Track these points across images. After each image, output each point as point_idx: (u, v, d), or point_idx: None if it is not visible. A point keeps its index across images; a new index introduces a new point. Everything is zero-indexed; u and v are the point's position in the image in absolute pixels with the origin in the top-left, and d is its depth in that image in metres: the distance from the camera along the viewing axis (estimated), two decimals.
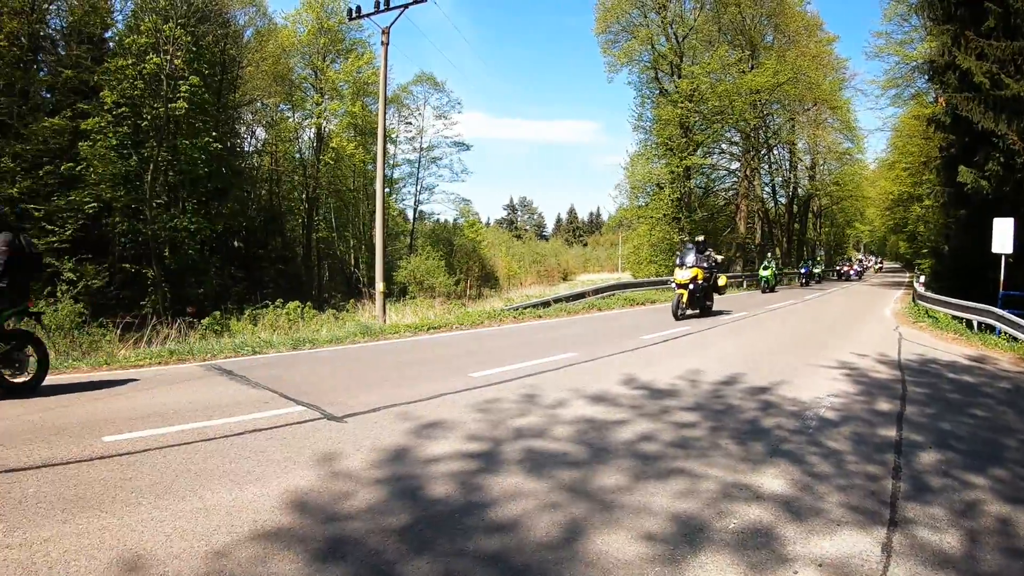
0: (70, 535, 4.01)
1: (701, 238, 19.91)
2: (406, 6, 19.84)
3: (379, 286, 19.21)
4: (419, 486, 4.96)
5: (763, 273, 33.66)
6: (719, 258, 19.47)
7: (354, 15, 21.15)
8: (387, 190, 54.78)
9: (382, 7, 19.99)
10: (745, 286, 37.65)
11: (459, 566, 3.75)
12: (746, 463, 5.66)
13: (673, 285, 18.69)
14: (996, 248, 17.38)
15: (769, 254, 37.78)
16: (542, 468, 5.38)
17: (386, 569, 3.70)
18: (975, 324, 17.70)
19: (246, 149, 47.94)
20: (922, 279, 30.93)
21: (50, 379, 8.43)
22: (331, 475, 5.14)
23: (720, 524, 4.39)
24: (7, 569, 3.62)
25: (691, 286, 17.67)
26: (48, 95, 34.17)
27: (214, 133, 36.67)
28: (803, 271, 42.78)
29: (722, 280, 19.34)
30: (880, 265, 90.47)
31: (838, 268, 62.10)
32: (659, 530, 4.28)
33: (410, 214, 62.00)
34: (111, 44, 36.94)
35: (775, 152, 52.27)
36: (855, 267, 64.25)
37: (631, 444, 6.12)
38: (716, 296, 19.52)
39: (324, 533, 4.13)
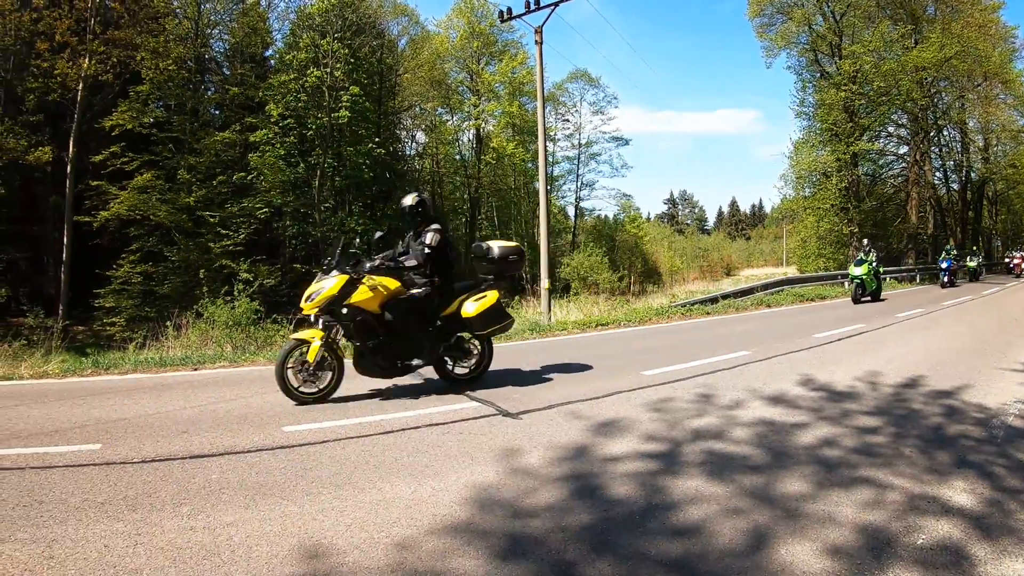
0: (252, 520, 4.24)
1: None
2: (557, 3, 19.91)
3: (544, 283, 19.58)
4: (599, 485, 4.95)
5: (855, 272, 23.16)
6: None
7: (505, 17, 21.48)
8: (548, 187, 55.22)
9: (532, 7, 20.15)
10: (918, 280, 35.68)
11: (642, 571, 3.72)
12: (932, 473, 5.31)
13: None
14: None
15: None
16: (723, 471, 5.27)
17: (568, 570, 3.71)
18: None
19: (407, 153, 49.59)
20: None
21: (231, 371, 9.07)
22: (510, 471, 5.21)
23: (908, 539, 4.15)
24: (192, 551, 3.85)
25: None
26: (217, 112, 37.03)
27: (376, 139, 38.14)
28: (944, 266, 29.45)
29: None
30: None
31: (1006, 260, 45.64)
32: (845, 542, 4.09)
33: (571, 211, 62.57)
34: (272, 61, 39.31)
35: (945, 133, 48.98)
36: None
37: (813, 449, 5.90)
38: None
39: (504, 529, 4.19)
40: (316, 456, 5.51)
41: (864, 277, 22.68)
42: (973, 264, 33.44)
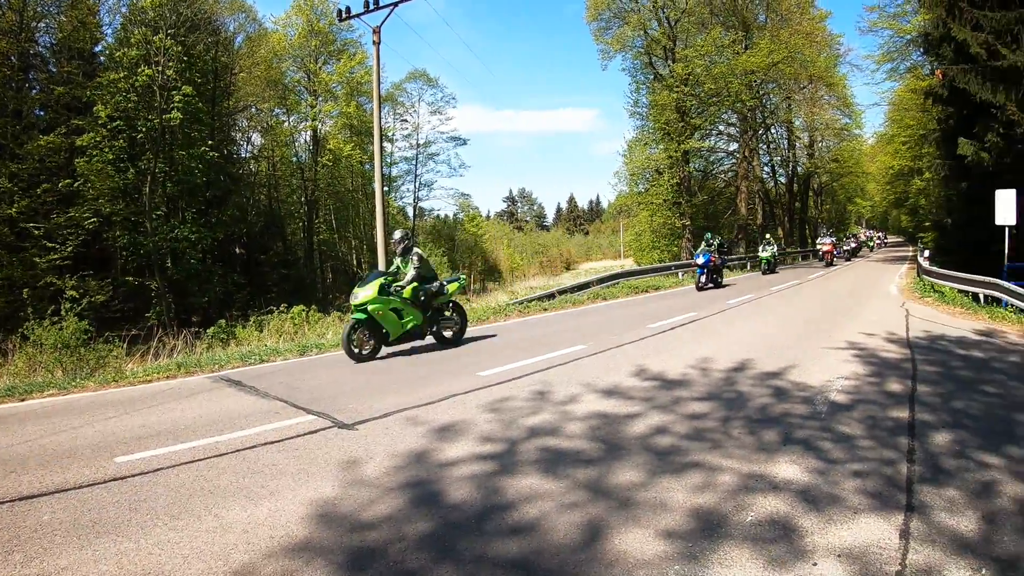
0: (88, 562, 4.00)
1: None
2: (396, 4, 19.80)
3: None
4: (437, 491, 4.97)
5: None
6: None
7: (344, 16, 21.19)
8: (386, 188, 54.83)
9: (371, 6, 19.96)
10: (749, 267, 37.59)
11: (481, 573, 3.75)
12: (760, 452, 5.66)
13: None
14: (999, 220, 17.34)
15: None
16: (558, 467, 5.39)
17: None
18: (981, 297, 17.67)
19: (243, 155, 47.98)
20: (926, 253, 30.71)
21: (60, 399, 8.48)
22: (347, 484, 5.13)
23: (738, 517, 4.39)
24: None
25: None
26: (41, 113, 34.37)
27: (210, 142, 36.67)
28: (701, 261, 24.39)
29: None
30: (880, 241, 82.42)
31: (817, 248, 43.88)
32: (678, 526, 4.28)
33: (410, 211, 62.08)
34: (102, 58, 36.99)
35: (773, 131, 52.43)
36: (850, 243, 50.78)
37: (645, 438, 6.11)
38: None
39: (344, 545, 4.13)
40: (150, 486, 5.24)
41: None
42: (766, 255, 32.16)
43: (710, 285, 24.14)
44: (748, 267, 37.70)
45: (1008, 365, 9.73)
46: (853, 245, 50.50)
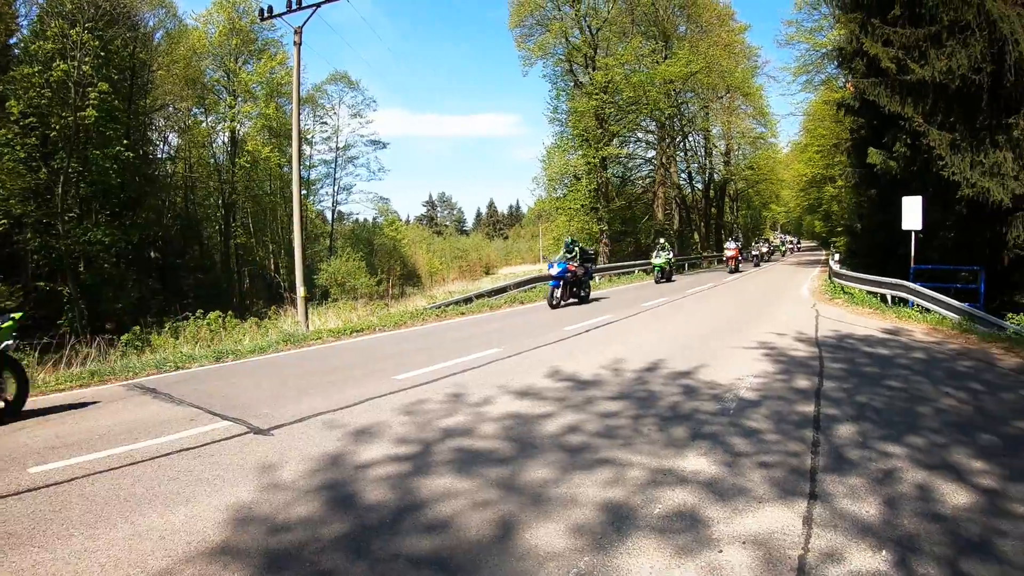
0: (3, 575, 3.93)
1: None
2: (318, 5, 19.52)
3: (300, 291, 18.70)
4: (353, 492, 5.01)
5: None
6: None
7: (266, 15, 20.77)
8: (304, 192, 54.10)
9: (294, 6, 19.64)
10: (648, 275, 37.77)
11: (396, 571, 3.82)
12: (669, 448, 5.86)
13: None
14: (906, 225, 18.07)
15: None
16: (472, 467, 5.48)
17: None
18: (889, 298, 18.53)
19: (159, 156, 46.78)
20: (837, 257, 31.63)
21: None
22: (264, 489, 5.13)
23: (646, 510, 4.57)
24: None
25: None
26: None
27: (125, 141, 35.70)
28: (555, 272, 19.97)
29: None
30: (794, 246, 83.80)
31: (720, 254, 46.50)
32: (588, 520, 4.43)
33: (329, 215, 61.50)
34: (16, 51, 35.67)
35: (690, 139, 53.72)
36: (761, 248, 49.99)
37: (557, 437, 6.26)
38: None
39: (261, 547, 4.15)
40: (65, 496, 5.12)
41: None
42: (660, 262, 30.48)
43: (572, 300, 20.13)
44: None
45: (912, 361, 10.21)
46: (764, 249, 51.36)
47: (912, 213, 17.95)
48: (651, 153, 48.34)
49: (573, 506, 4.65)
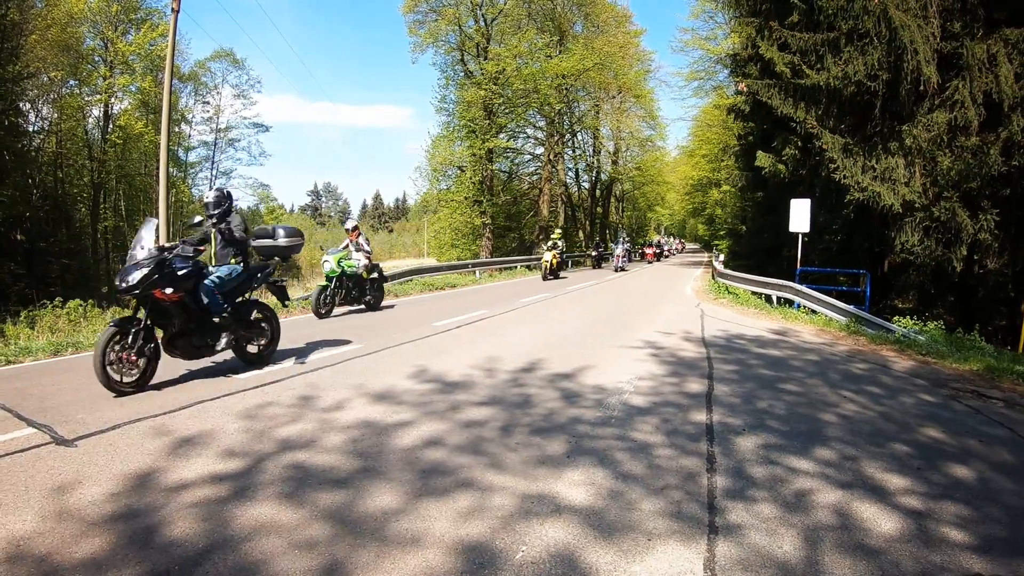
0: None
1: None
2: None
3: None
4: (158, 523, 3.87)
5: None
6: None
7: None
8: (181, 173, 51.42)
9: None
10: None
11: None
12: (543, 467, 4.81)
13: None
14: (794, 227, 18.10)
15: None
16: (302, 490, 4.35)
17: None
18: (774, 299, 18.42)
19: (30, 129, 43.19)
20: (721, 257, 31.88)
21: None
22: (51, 516, 3.96)
23: (512, 552, 3.51)
24: None
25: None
26: None
27: None
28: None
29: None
30: (676, 248, 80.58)
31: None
32: (431, 570, 3.34)
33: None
34: None
35: (579, 138, 53.56)
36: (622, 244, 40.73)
37: (412, 451, 5.14)
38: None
39: None
40: None
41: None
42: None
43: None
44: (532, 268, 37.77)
45: (806, 363, 9.65)
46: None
47: (800, 216, 17.96)
48: (539, 150, 47.94)
49: (415, 548, 3.56)
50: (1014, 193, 15.21)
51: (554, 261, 28.64)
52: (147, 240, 7.11)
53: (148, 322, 7.04)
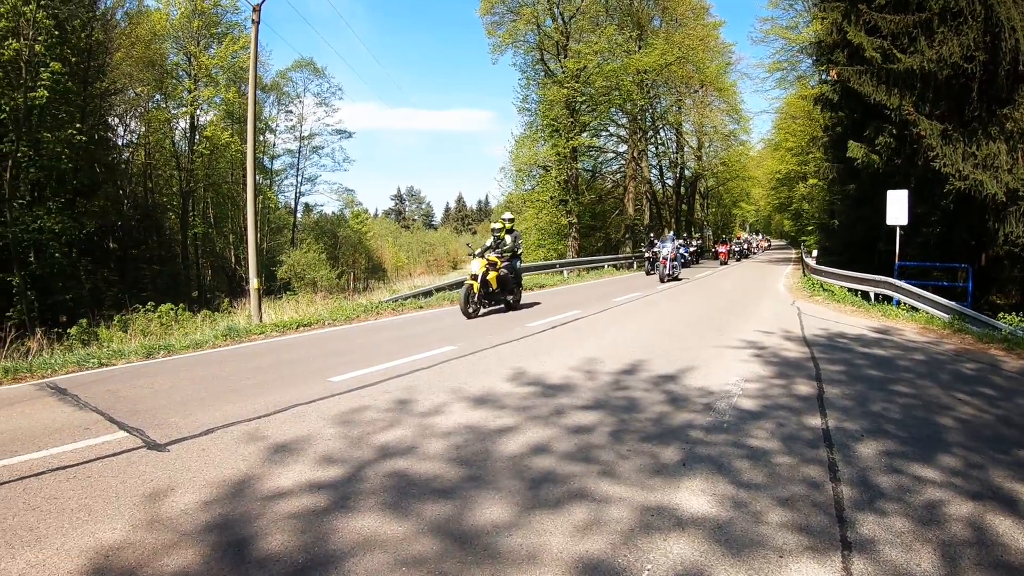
0: None
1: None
2: None
3: (253, 283, 17.72)
4: (253, 535, 3.83)
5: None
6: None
7: None
8: (267, 181, 52.89)
9: None
10: (634, 267, 37.29)
11: None
12: (659, 476, 4.72)
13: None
14: (891, 220, 17.43)
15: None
16: (405, 501, 4.30)
17: None
18: (872, 296, 17.76)
19: (120, 143, 45.00)
20: (815, 253, 31.08)
21: None
22: (141, 525, 3.97)
23: (637, 571, 3.42)
24: None
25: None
26: None
27: (79, 125, 33.92)
28: None
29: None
30: (763, 244, 78.98)
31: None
32: None
33: (293, 206, 60.13)
34: None
35: (662, 134, 52.89)
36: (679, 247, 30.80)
37: (518, 460, 5.08)
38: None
39: None
40: None
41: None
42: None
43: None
44: (634, 267, 37.61)
45: (914, 363, 9.38)
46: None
47: (897, 208, 17.30)
48: (622, 148, 47.50)
49: (533, 566, 3.47)
50: None
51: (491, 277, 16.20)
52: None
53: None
